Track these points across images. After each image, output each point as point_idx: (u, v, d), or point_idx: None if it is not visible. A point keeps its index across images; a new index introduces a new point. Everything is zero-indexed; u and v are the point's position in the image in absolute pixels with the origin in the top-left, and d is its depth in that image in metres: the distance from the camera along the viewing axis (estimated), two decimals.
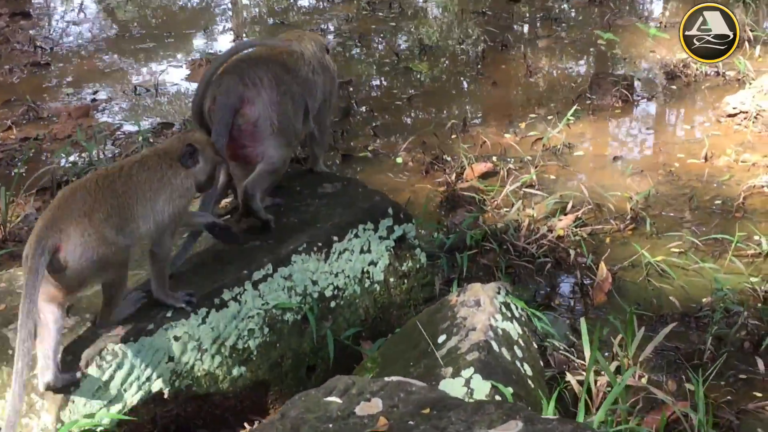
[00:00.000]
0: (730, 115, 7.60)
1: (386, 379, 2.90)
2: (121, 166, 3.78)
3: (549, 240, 5.72)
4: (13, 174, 6.85)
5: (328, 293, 4.33)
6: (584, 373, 4.15)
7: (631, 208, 6.14)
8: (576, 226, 6.02)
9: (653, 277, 5.48)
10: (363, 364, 4.16)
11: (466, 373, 3.67)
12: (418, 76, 9.22)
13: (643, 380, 4.47)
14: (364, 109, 8.33)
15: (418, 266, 4.76)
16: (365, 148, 7.48)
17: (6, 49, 9.99)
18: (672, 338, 4.87)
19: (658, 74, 8.83)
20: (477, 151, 7.17)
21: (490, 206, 6.34)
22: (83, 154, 6.95)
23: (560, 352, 4.57)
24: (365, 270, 4.51)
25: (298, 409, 2.76)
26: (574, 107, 7.73)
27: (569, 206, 6.23)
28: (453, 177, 6.79)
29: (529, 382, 3.87)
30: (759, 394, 4.46)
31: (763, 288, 5.16)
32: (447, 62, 9.70)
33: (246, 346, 4.02)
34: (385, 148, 7.51)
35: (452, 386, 3.64)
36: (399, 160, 7.27)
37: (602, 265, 5.47)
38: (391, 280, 4.63)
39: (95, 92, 8.83)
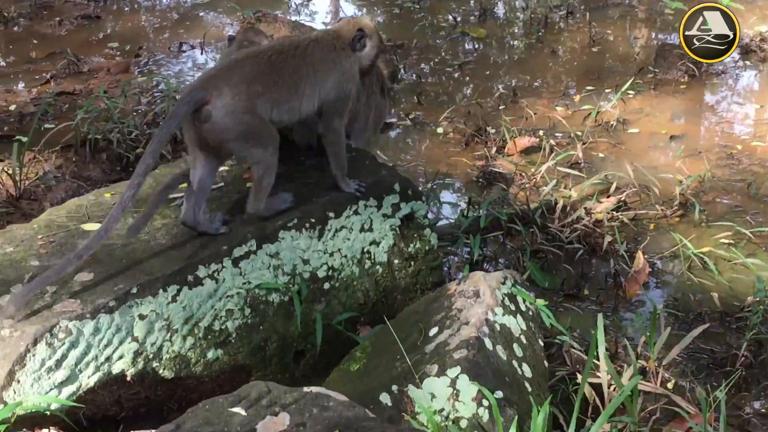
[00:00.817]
0: None
1: (305, 389, 2.56)
2: (297, 44, 3.94)
3: (585, 224, 5.27)
4: (43, 129, 6.65)
5: (321, 274, 4.00)
6: (601, 375, 3.74)
7: (680, 193, 5.63)
8: (618, 210, 5.56)
9: (695, 271, 4.99)
10: (352, 354, 3.82)
11: (452, 372, 3.30)
12: (474, 42, 8.76)
13: (670, 385, 4.05)
14: (412, 74, 7.93)
15: (427, 248, 4.38)
16: (407, 116, 7.08)
17: (60, 0, 9.87)
18: (709, 340, 4.42)
19: None
20: (523, 124, 6.72)
21: (528, 184, 5.90)
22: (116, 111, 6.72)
23: (577, 350, 4.14)
24: (366, 250, 4.15)
25: (197, 420, 2.43)
26: (630, 80, 7.19)
27: (613, 188, 5.75)
28: (493, 150, 6.37)
29: (526, 384, 3.48)
30: None
31: None
32: (506, 28, 9.21)
33: (223, 327, 3.72)
34: (428, 116, 7.10)
35: (436, 386, 3.29)
36: (440, 130, 6.87)
37: (639, 254, 5.01)
38: (396, 262, 4.27)
39: (140, 48, 8.61)
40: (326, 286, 4.02)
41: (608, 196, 5.69)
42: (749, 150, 6.37)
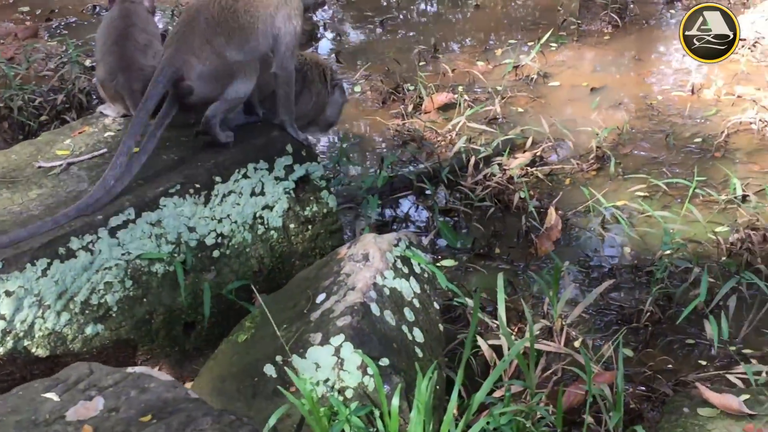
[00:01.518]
0: None
1: (128, 370, 2.40)
2: None
3: (498, 181, 5.13)
4: None
5: (209, 241, 3.81)
6: (501, 337, 3.61)
7: (596, 146, 5.51)
8: (534, 166, 5.43)
9: (609, 226, 4.88)
10: (242, 323, 3.65)
11: (336, 340, 3.15)
12: None
13: (577, 344, 3.95)
14: (330, 32, 7.71)
15: (325, 211, 4.21)
16: None
17: None
18: (619, 295, 4.32)
19: None
20: (441, 81, 6.55)
21: (443, 141, 5.74)
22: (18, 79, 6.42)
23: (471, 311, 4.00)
24: (258, 215, 3.97)
25: (5, 408, 2.26)
26: (550, 32, 7.03)
27: (528, 143, 5.61)
28: (410, 108, 6.20)
29: (417, 350, 3.34)
30: (703, 363, 3.89)
31: (728, 240, 4.54)
32: None
33: (102, 301, 3.52)
34: (346, 75, 6.90)
35: (321, 355, 3.14)
36: (357, 88, 6.68)
37: (551, 210, 4.89)
38: (292, 226, 4.09)
39: (51, 12, 8.28)
40: (216, 254, 3.84)
41: (524, 151, 5.56)
42: (669, 101, 6.27)
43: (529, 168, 5.34)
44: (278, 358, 3.22)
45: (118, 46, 4.33)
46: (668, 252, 4.33)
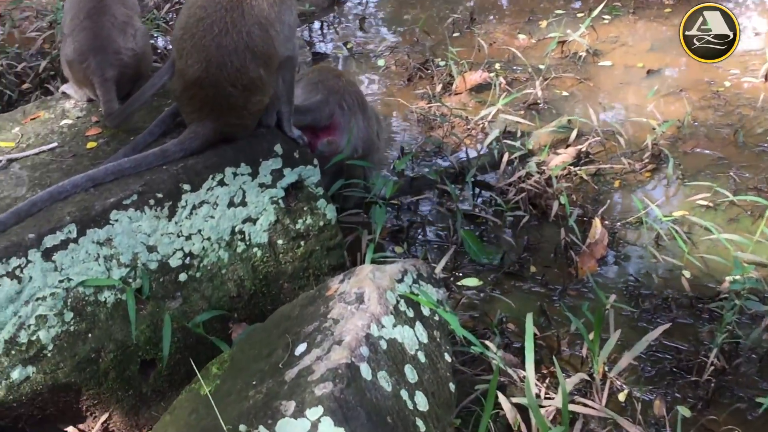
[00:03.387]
0: None
1: None
2: None
3: (535, 182, 4.37)
4: None
5: (174, 263, 3.11)
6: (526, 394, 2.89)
7: (652, 143, 4.71)
8: (578, 165, 4.65)
9: (666, 242, 4.10)
10: (208, 368, 2.95)
11: (313, 413, 2.44)
12: None
13: (622, 396, 3.22)
14: None
15: (321, 223, 3.48)
16: (344, 45, 6.12)
17: None
18: (675, 334, 3.56)
19: None
20: (475, 57, 5.75)
21: (474, 130, 4.98)
22: None
23: (500, 356, 3.28)
24: (238, 230, 3.26)
25: None
26: (602, 3, 6.18)
27: (573, 135, 4.82)
28: (438, 88, 5.43)
29: (419, 423, 2.63)
30: None
31: None
32: None
33: (34, 338, 2.85)
34: (370, 46, 6.13)
35: (293, 431, 2.43)
36: (381, 62, 5.92)
37: (596, 221, 4.12)
38: (280, 242, 3.37)
39: None
40: (182, 277, 3.14)
41: (567, 146, 4.78)
42: (738, 88, 5.43)
43: (571, 168, 4.56)
44: (242, 428, 2.53)
45: (91, 21, 3.64)
46: (737, 288, 3.54)
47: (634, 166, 4.63)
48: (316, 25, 6.49)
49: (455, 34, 6.17)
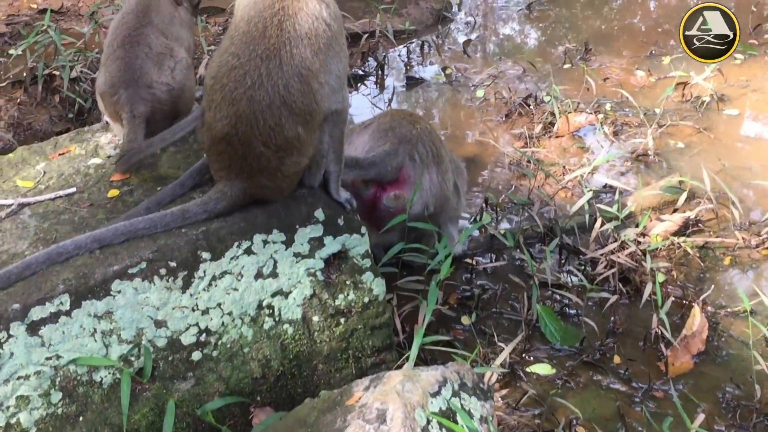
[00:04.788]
0: None
1: None
2: None
3: (629, 255, 3.81)
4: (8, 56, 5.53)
5: (187, 339, 2.73)
6: None
7: None
8: (684, 233, 4.07)
9: None
10: None
11: None
12: None
13: None
14: (463, 14, 6.43)
15: (367, 299, 3.04)
16: (443, 71, 5.65)
17: None
18: None
19: None
20: (583, 95, 5.20)
21: (571, 182, 4.45)
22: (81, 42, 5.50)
23: None
24: (265, 304, 2.86)
25: None
26: (738, 42, 5.49)
27: (682, 198, 4.24)
28: (538, 128, 4.91)
29: None
30: None
31: None
32: None
33: (13, 421, 2.51)
34: (471, 73, 5.65)
35: None
36: (480, 93, 5.43)
37: (696, 309, 3.55)
38: (315, 319, 2.96)
39: None
40: (196, 356, 2.76)
41: (674, 210, 4.20)
42: None
43: (675, 238, 3.98)
44: None
45: (124, 51, 3.31)
46: None
47: (749, 242, 4.02)
48: (416, 45, 6.04)
49: (566, 66, 5.63)
